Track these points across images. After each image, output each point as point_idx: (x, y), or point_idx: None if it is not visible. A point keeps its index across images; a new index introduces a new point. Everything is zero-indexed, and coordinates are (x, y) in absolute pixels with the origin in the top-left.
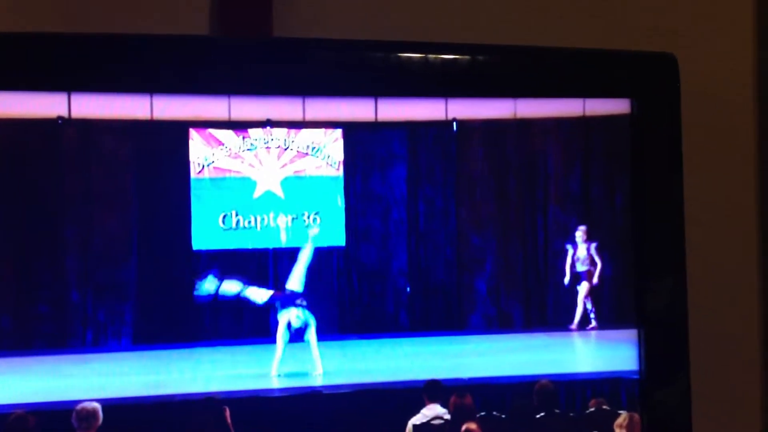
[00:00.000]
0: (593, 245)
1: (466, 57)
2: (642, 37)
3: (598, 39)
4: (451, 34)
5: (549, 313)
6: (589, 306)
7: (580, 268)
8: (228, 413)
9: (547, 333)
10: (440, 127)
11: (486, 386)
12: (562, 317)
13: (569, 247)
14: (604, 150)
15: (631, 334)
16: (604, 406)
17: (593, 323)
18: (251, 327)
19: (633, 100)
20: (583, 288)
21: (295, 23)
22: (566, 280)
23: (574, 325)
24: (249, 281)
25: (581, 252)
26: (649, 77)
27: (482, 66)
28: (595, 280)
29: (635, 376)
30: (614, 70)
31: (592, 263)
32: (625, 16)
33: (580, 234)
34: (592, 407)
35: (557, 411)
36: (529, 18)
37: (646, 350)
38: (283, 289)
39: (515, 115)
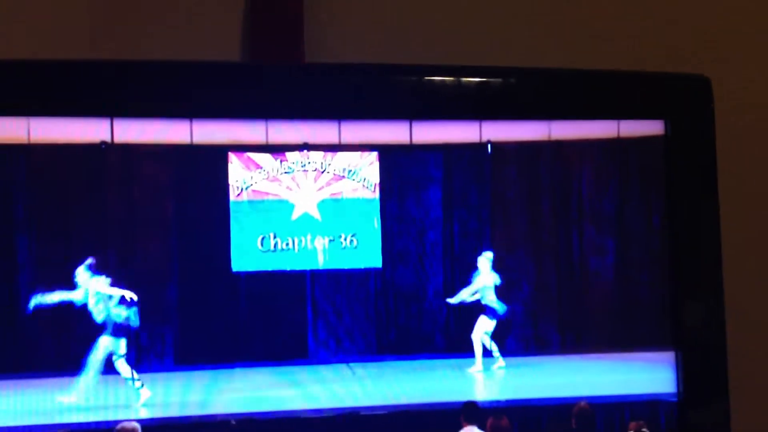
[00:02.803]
0: (498, 277)
1: (500, 80)
2: (676, 58)
3: (633, 61)
4: (482, 57)
5: (585, 335)
6: (489, 346)
7: (488, 300)
8: None
9: (584, 355)
10: (475, 149)
11: (523, 408)
12: (599, 339)
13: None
14: (639, 171)
15: (668, 356)
16: (644, 430)
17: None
18: (289, 349)
19: (667, 121)
20: (489, 325)
21: (326, 48)
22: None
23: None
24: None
25: (487, 279)
26: (683, 99)
27: (516, 88)
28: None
29: (673, 399)
30: (648, 92)
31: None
32: (660, 39)
33: (485, 262)
34: (631, 430)
35: None
36: (562, 40)
37: (684, 372)
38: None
39: (549, 136)
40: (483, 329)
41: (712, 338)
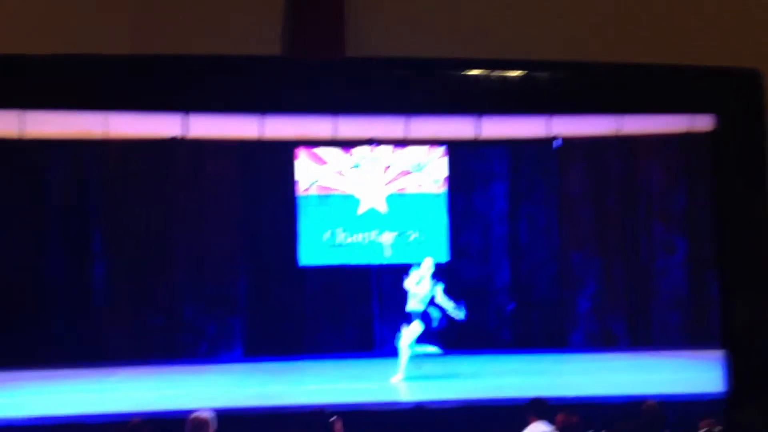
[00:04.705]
0: (441, 286)
1: (566, 73)
2: (727, 52)
3: (682, 55)
4: (525, 51)
5: (654, 332)
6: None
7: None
8: (337, 425)
9: (652, 352)
10: (542, 144)
11: (591, 405)
12: (667, 336)
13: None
14: (704, 167)
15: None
16: (716, 428)
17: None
18: (356, 341)
19: (716, 115)
20: (418, 330)
21: (366, 43)
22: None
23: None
24: None
25: (425, 289)
26: (732, 93)
27: (577, 82)
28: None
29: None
30: (696, 86)
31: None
32: (710, 33)
33: (427, 270)
34: (702, 429)
35: None
36: (615, 34)
37: (733, 370)
38: None
39: (618, 132)
40: (412, 335)
41: (760, 337)
